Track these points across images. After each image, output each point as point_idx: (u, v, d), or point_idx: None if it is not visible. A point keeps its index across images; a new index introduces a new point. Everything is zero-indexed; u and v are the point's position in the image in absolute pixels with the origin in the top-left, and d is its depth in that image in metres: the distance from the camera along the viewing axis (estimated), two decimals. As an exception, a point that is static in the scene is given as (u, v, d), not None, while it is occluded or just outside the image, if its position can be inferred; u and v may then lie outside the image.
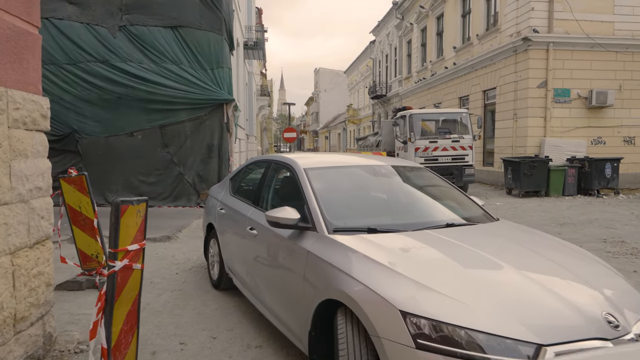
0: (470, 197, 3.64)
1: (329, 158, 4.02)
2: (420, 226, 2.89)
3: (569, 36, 14.53)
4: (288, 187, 3.54)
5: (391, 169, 3.68)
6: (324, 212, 2.90)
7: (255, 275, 3.55)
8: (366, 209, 3.17)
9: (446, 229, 2.89)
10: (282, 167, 3.75)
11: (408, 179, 3.70)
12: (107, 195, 10.91)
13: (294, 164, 3.47)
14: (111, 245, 2.19)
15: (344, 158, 4.06)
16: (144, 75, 10.78)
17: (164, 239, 7.18)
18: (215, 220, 4.68)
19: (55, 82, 10.76)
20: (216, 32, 11.21)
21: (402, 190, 3.54)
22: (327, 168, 3.53)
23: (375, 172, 3.56)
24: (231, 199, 4.46)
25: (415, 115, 13.57)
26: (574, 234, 7.80)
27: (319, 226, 2.81)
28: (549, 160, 13.50)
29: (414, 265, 2.30)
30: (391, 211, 3.19)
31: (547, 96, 14.67)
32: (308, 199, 3.02)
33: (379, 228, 2.77)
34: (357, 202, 3.26)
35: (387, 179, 3.54)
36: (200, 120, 11.09)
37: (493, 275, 2.27)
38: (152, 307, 4.22)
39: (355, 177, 3.52)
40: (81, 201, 4.57)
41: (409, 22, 27.00)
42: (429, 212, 3.24)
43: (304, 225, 2.88)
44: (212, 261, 4.89)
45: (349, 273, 2.31)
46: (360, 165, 3.65)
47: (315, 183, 3.17)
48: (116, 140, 10.95)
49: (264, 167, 4.05)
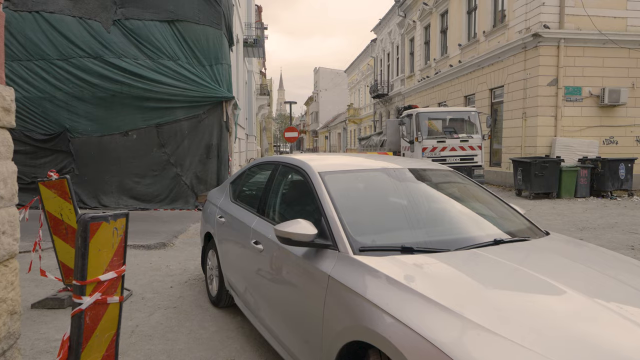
0: (511, 205, 3.12)
1: (343, 160, 3.49)
2: (463, 243, 2.37)
3: (580, 32, 14.03)
4: (299, 194, 3.02)
5: (419, 172, 3.17)
6: (346, 226, 2.38)
7: (261, 298, 3.03)
8: (395, 222, 2.64)
9: (496, 247, 2.37)
10: (291, 171, 3.23)
11: (439, 185, 3.18)
12: (101, 197, 10.41)
13: (306, 167, 2.96)
14: (77, 276, 1.68)
15: (360, 160, 3.53)
16: (139, 72, 10.28)
17: (159, 246, 6.66)
18: (213, 229, 4.15)
19: (46, 78, 10.26)
20: (215, 27, 10.70)
21: (434, 198, 3.03)
22: (345, 172, 3.01)
23: (401, 176, 3.04)
24: (232, 206, 3.94)
25: (422, 114, 13.06)
26: (597, 240, 7.29)
27: (341, 244, 2.30)
28: (560, 161, 12.99)
29: (474, 301, 1.78)
30: (424, 224, 2.67)
31: (557, 94, 14.17)
32: (326, 210, 2.51)
33: (415, 247, 2.26)
34: (383, 213, 2.74)
35: (415, 185, 3.03)
36: (198, 118, 10.58)
37: (576, 314, 1.75)
38: (141, 329, 3.70)
39: (379, 182, 3.00)
40: (62, 208, 4.04)
41: (412, 19, 26.48)
42: (470, 225, 2.72)
43: (322, 242, 2.36)
44: (210, 275, 4.37)
45: (386, 310, 1.79)
46: (383, 169, 3.11)
47: (333, 190, 2.66)
48: (110, 139, 10.45)
49: (270, 170, 3.53)
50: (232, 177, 4.42)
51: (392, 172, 3.08)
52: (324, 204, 2.55)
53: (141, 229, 7.74)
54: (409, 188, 2.99)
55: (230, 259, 3.70)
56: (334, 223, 2.41)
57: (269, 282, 2.92)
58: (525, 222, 2.91)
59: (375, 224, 2.59)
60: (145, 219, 8.86)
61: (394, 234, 2.50)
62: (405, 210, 2.76)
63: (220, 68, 10.74)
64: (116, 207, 10.26)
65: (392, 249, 2.27)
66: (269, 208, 3.26)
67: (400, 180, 3.01)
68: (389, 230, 2.56)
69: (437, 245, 2.33)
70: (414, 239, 2.42)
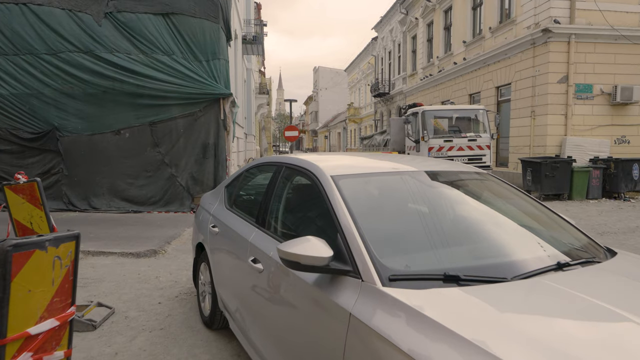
0: (561, 215, 2.59)
1: (353, 161, 2.95)
2: (521, 269, 1.85)
3: (591, 27, 13.51)
4: (307, 202, 2.51)
5: (450, 175, 2.64)
6: (370, 246, 1.86)
7: (260, 329, 2.51)
8: (428, 239, 2.10)
9: (562, 274, 1.85)
10: (297, 173, 2.70)
11: (475, 191, 2.66)
12: (92, 200, 9.89)
13: (315, 170, 2.43)
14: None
15: (372, 161, 2.99)
16: (132, 67, 9.76)
17: (150, 253, 6.13)
18: (206, 240, 3.63)
19: (33, 74, 9.74)
20: (212, 20, 10.17)
21: (471, 207, 2.50)
22: (361, 176, 2.47)
23: (428, 180, 2.51)
24: (227, 213, 3.41)
25: (428, 111, 12.54)
26: (622, 246, 6.78)
27: (365, 271, 1.78)
28: (572, 161, 12.49)
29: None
30: (464, 241, 2.15)
31: (568, 92, 13.65)
32: (343, 224, 1.99)
33: (462, 275, 1.73)
34: (412, 227, 2.20)
35: (446, 191, 2.50)
36: (194, 116, 10.06)
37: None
38: (120, 359, 3.17)
39: (403, 188, 2.46)
40: (33, 215, 3.53)
41: (414, 16, 25.96)
42: (521, 243, 2.19)
43: (339, 267, 1.84)
44: (202, 291, 3.84)
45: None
46: (407, 172, 2.56)
47: (350, 198, 2.14)
48: (101, 138, 9.93)
49: (272, 172, 2.99)
50: (227, 180, 3.89)
51: (419, 175, 2.54)
52: (341, 216, 2.02)
53: (132, 234, 7.22)
54: (440, 195, 2.46)
55: (225, 277, 3.18)
56: (354, 241, 1.89)
57: (270, 311, 2.40)
58: (581, 237, 2.38)
59: (405, 243, 2.06)
60: (137, 223, 8.34)
61: (429, 255, 1.98)
62: (438, 224, 2.23)
63: (218, 63, 10.22)
64: (107, 210, 9.74)
65: (432, 277, 1.74)
66: (270, 218, 2.73)
67: (428, 185, 2.48)
68: (421, 250, 2.03)
69: (489, 272, 1.81)
70: (456, 263, 1.90)
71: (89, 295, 4.43)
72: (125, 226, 7.96)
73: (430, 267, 1.84)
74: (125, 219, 8.88)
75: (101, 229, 7.58)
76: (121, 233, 7.32)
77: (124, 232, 7.44)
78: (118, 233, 7.31)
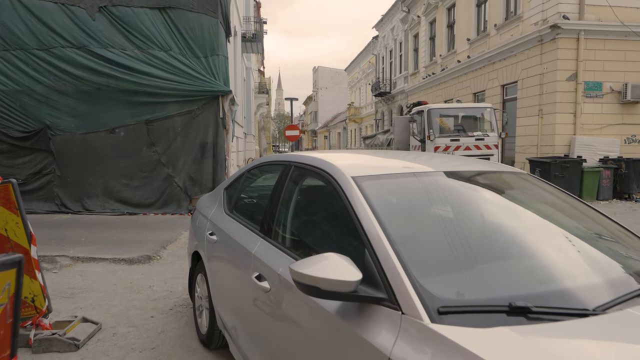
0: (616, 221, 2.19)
1: (374, 160, 2.53)
2: (602, 296, 1.45)
3: (601, 24, 13.13)
4: (323, 208, 2.13)
5: (489, 177, 2.25)
6: (409, 266, 1.47)
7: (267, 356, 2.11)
8: (478, 257, 1.69)
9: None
10: (309, 174, 2.30)
11: (523, 196, 2.25)
12: (85, 201, 9.48)
13: (332, 170, 2.03)
14: None
15: (396, 160, 2.57)
16: (127, 63, 9.37)
17: (144, 259, 5.72)
18: (203, 248, 3.23)
19: (24, 70, 9.34)
20: (211, 15, 9.77)
21: (526, 217, 2.07)
22: (388, 177, 2.07)
23: (469, 184, 2.12)
24: (226, 219, 3.01)
25: (434, 110, 12.15)
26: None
27: (405, 300, 1.38)
28: (582, 161, 12.11)
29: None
30: (523, 258, 1.74)
31: (577, 90, 13.27)
32: (372, 237, 1.59)
33: (532, 306, 1.33)
34: (458, 242, 1.77)
35: (492, 196, 2.11)
36: (192, 114, 9.66)
37: None
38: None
39: (439, 193, 2.03)
40: (7, 221, 3.13)
41: (416, 14, 25.58)
42: (595, 262, 1.76)
43: (371, 294, 1.45)
44: (199, 305, 3.44)
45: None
46: (439, 173, 2.13)
47: (378, 205, 1.74)
48: (95, 137, 9.52)
49: (278, 173, 2.59)
50: (227, 181, 3.49)
51: (451, 176, 2.14)
52: (368, 228, 1.62)
53: (125, 238, 6.82)
54: (483, 201, 2.07)
55: (224, 293, 2.78)
56: (389, 260, 1.49)
57: (279, 340, 2.00)
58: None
59: (451, 261, 1.65)
60: (132, 226, 7.94)
61: (483, 278, 1.58)
62: (487, 237, 1.83)
63: (217, 60, 9.82)
64: (101, 212, 9.34)
65: (494, 308, 1.35)
66: (278, 226, 2.33)
67: (468, 189, 2.09)
68: (471, 270, 1.63)
69: (563, 301, 1.42)
70: (519, 288, 1.50)
71: (75, 308, 4.03)
72: (119, 229, 7.56)
73: (489, 294, 1.44)
74: (120, 221, 8.48)
75: (93, 233, 7.18)
76: (114, 237, 6.92)
77: (117, 235, 7.04)
78: (111, 237, 6.91)
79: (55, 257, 5.49)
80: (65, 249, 5.96)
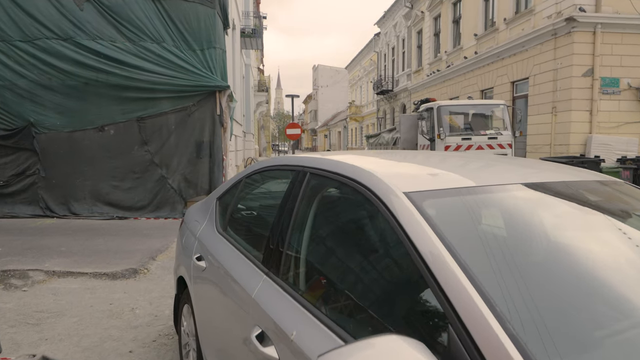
0: None
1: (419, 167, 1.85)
2: None
3: (619, 16, 12.47)
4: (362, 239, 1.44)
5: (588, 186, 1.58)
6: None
7: None
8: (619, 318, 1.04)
9: None
10: (332, 184, 1.63)
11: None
12: (72, 204, 8.83)
13: (370, 180, 1.35)
14: None
15: (445, 165, 1.88)
16: (117, 57, 8.72)
17: (128, 273, 5.05)
18: (189, 275, 2.57)
19: (6, 63, 8.68)
20: (207, 5, 9.13)
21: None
22: (456, 193, 1.36)
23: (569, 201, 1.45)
24: (218, 241, 2.34)
25: (443, 107, 11.50)
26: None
27: None
28: (600, 161, 11.45)
29: None
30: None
31: (593, 86, 12.61)
32: (461, 307, 0.93)
33: None
34: (585, 295, 1.10)
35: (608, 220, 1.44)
36: (187, 111, 9.01)
37: None
38: None
39: (534, 215, 1.36)
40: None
41: (420, 10, 24.91)
42: None
43: None
44: (185, 344, 2.78)
45: None
46: (518, 184, 1.48)
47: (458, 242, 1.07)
48: (83, 136, 8.86)
49: (287, 180, 1.91)
50: (220, 189, 2.81)
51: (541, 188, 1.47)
52: (455, 287, 0.96)
53: (111, 247, 6.15)
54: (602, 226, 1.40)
55: (214, 339, 2.12)
56: (498, 344, 0.83)
57: None
58: None
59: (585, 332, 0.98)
60: (120, 232, 7.27)
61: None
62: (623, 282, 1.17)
63: (213, 53, 9.17)
64: (89, 216, 8.68)
65: None
66: (288, 259, 1.66)
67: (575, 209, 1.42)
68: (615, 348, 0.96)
69: None
70: None
71: (38, 340, 3.36)
72: (105, 236, 6.89)
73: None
74: (108, 227, 7.81)
75: (76, 240, 6.51)
76: (99, 245, 6.26)
77: (103, 244, 6.37)
78: (95, 245, 6.24)
79: (27, 272, 4.83)
80: (41, 261, 5.29)
